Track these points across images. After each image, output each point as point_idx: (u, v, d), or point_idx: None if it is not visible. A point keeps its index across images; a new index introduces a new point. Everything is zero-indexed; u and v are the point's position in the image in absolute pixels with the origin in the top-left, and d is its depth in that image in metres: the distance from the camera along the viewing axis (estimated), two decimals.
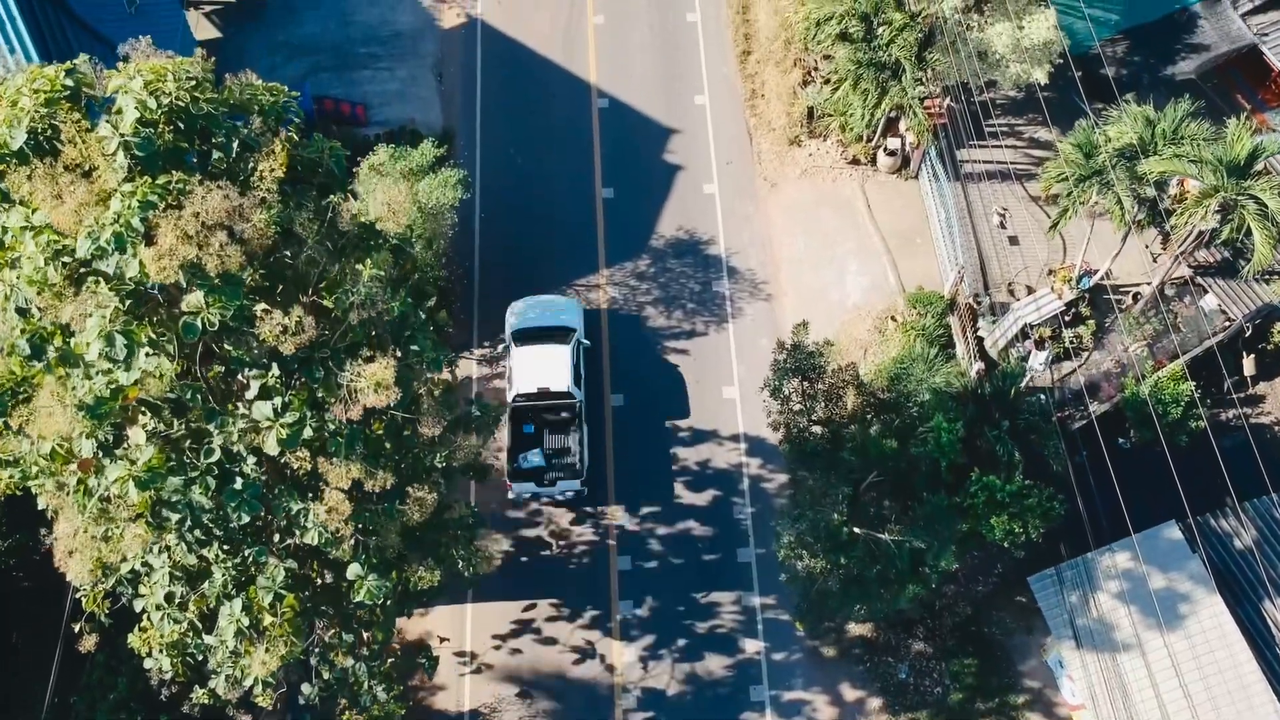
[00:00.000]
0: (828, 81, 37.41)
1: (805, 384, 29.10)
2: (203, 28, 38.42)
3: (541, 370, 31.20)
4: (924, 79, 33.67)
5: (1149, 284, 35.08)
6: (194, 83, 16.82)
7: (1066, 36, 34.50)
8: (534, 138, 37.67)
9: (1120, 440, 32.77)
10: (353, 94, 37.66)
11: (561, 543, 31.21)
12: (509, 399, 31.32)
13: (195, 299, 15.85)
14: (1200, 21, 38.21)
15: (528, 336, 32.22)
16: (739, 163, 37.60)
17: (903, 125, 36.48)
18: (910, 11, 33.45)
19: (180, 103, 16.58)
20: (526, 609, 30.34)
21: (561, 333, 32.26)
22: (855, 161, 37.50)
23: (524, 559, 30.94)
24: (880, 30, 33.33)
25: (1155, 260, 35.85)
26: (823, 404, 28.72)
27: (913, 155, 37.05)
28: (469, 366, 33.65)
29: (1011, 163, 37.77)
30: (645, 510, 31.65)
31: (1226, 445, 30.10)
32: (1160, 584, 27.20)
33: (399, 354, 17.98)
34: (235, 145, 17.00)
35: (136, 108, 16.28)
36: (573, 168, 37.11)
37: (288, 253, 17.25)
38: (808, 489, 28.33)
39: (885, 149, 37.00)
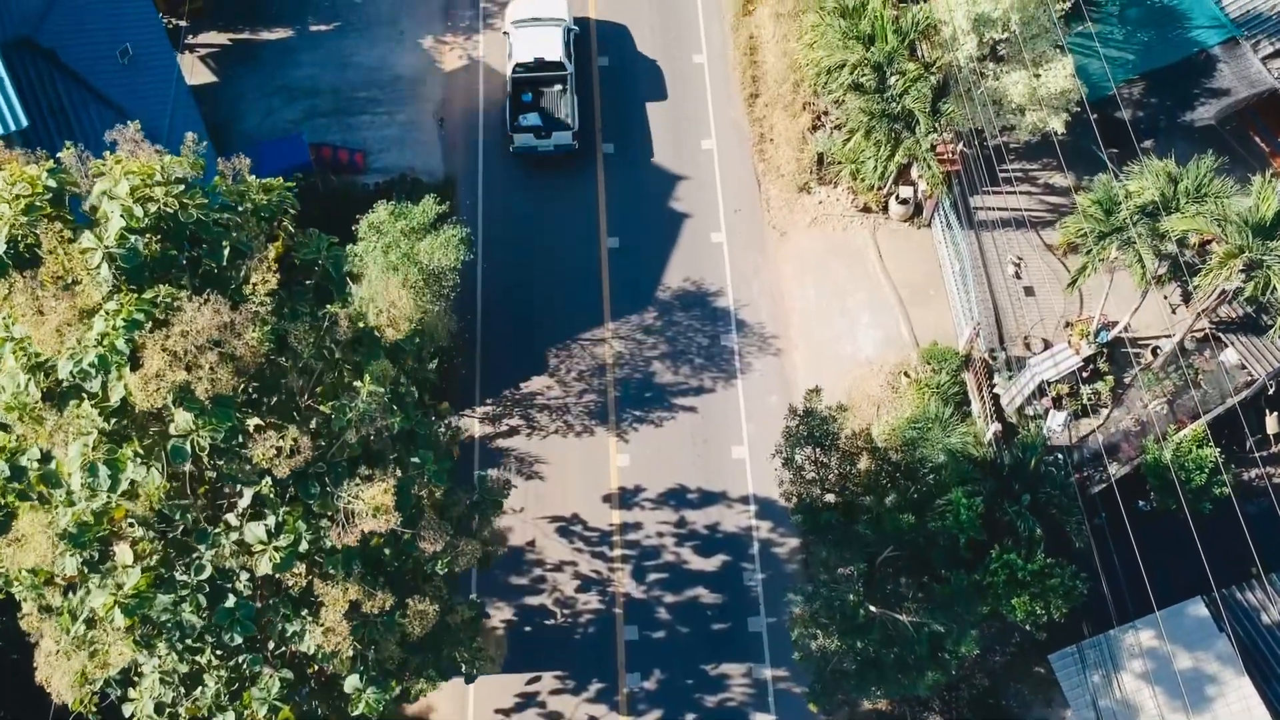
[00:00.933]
0: (838, 127, 36.58)
1: (818, 452, 28.25)
2: (198, 71, 37.55)
3: (537, 43, 36.70)
4: (938, 128, 32.83)
5: (1169, 338, 34.24)
6: (182, 186, 15.86)
7: (1084, 84, 33.66)
8: (537, 185, 36.80)
9: (1140, 503, 31.88)
10: (351, 140, 36.78)
11: (566, 611, 30.34)
12: (509, 72, 36.64)
13: (184, 420, 14.95)
14: (1219, 65, 37.30)
15: (525, 25, 37.61)
16: (747, 210, 36.73)
17: (915, 172, 35.61)
18: (924, 61, 32.60)
19: (169, 209, 15.67)
20: (530, 682, 29.46)
21: (554, 22, 37.74)
22: (866, 209, 36.63)
23: (527, 629, 30.06)
24: (893, 80, 32.47)
25: (1174, 311, 35.00)
26: (836, 473, 27.86)
27: (925, 203, 36.18)
28: (471, 424, 32.77)
29: (1026, 210, 36.89)
30: (653, 577, 30.77)
31: (1251, 511, 29.25)
32: (1186, 664, 26.31)
33: (399, 469, 17.07)
34: (226, 250, 16.09)
35: (123, 215, 15.39)
36: (577, 216, 36.25)
37: (282, 357, 16.34)
38: (821, 562, 27.47)
39: (897, 197, 36.13)
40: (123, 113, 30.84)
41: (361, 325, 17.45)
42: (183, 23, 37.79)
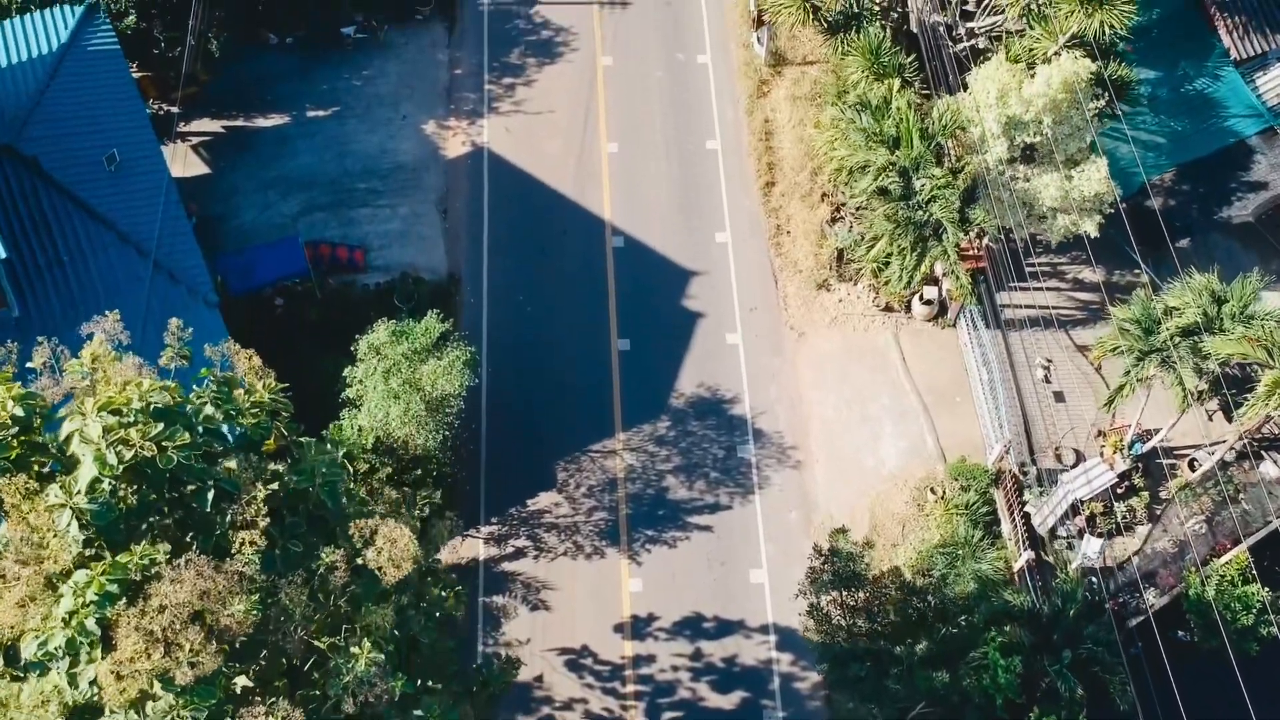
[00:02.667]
0: (857, 218, 35.05)
1: (845, 594, 26.73)
2: (191, 162, 35.99)
3: None
4: (967, 234, 31.32)
5: (1206, 450, 32.73)
6: (161, 427, 14.26)
7: (1118, 185, 32.12)
8: (545, 281, 35.24)
9: (1179, 633, 30.34)
10: (351, 235, 35.21)
11: None
12: None
13: (164, 703, 13.39)
14: (1257, 156, 35.79)
15: None
16: (764, 309, 35.16)
17: (939, 269, 34.04)
18: (952, 166, 31.04)
19: (147, 453, 14.10)
20: None
21: None
22: (888, 308, 35.06)
23: None
24: (920, 184, 30.89)
25: (1210, 418, 33.53)
26: (865, 621, 26.33)
27: (950, 303, 34.62)
28: (475, 546, 31.19)
29: (1055, 307, 35.36)
30: (668, 716, 29.19)
31: None
32: None
33: None
34: (211, 494, 14.52)
35: (95, 461, 13.83)
36: (586, 316, 34.67)
37: (272, 613, 14.77)
38: (848, 714, 25.96)
39: (921, 297, 34.58)
40: (109, 225, 29.42)
41: (359, 560, 15.79)
42: (175, 109, 36.22)
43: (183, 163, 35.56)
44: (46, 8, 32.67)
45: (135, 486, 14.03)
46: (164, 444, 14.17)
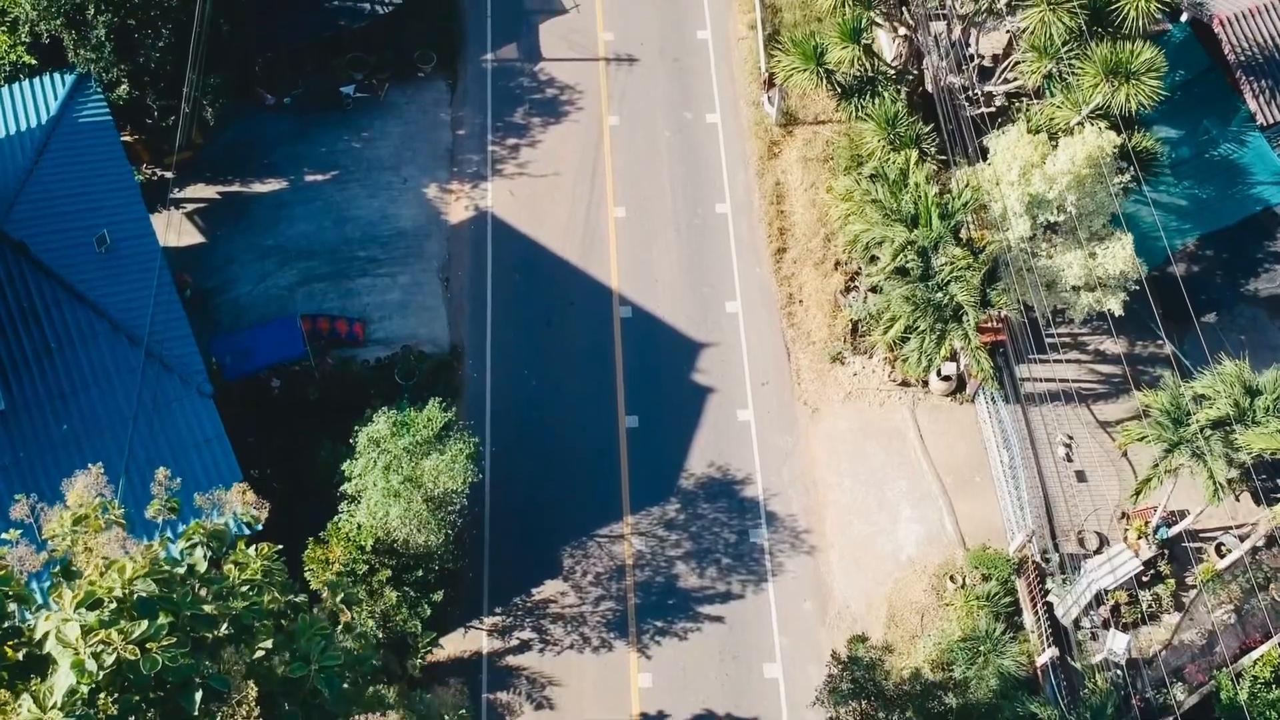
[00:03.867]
0: (872, 289, 34.00)
1: (865, 705, 25.69)
2: (185, 231, 34.93)
3: None
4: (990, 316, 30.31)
5: (1234, 534, 31.70)
6: (145, 625, 13.19)
7: (1144, 262, 31.05)
8: (550, 354, 34.18)
9: None
10: (351, 307, 34.14)
11: None
12: None
13: None
14: None
15: None
16: (776, 383, 34.10)
17: (957, 342, 32.99)
18: (972, 247, 29.97)
19: (130, 655, 13.04)
20: None
21: None
22: (905, 383, 33.98)
23: None
24: (939, 264, 29.83)
25: (1238, 498, 32.46)
26: None
27: (969, 378, 33.57)
28: (478, 639, 30.11)
29: (1075, 381, 34.32)
30: None
31: None
32: None
33: None
34: (198, 694, 13.43)
35: (73, 668, 12.76)
36: (593, 391, 33.61)
37: None
38: None
39: (939, 373, 33.50)
40: (99, 311, 28.38)
41: None
42: (169, 174, 35.16)
43: (177, 231, 34.50)
44: (36, 76, 31.68)
45: (116, 694, 12.95)
46: (148, 645, 13.10)
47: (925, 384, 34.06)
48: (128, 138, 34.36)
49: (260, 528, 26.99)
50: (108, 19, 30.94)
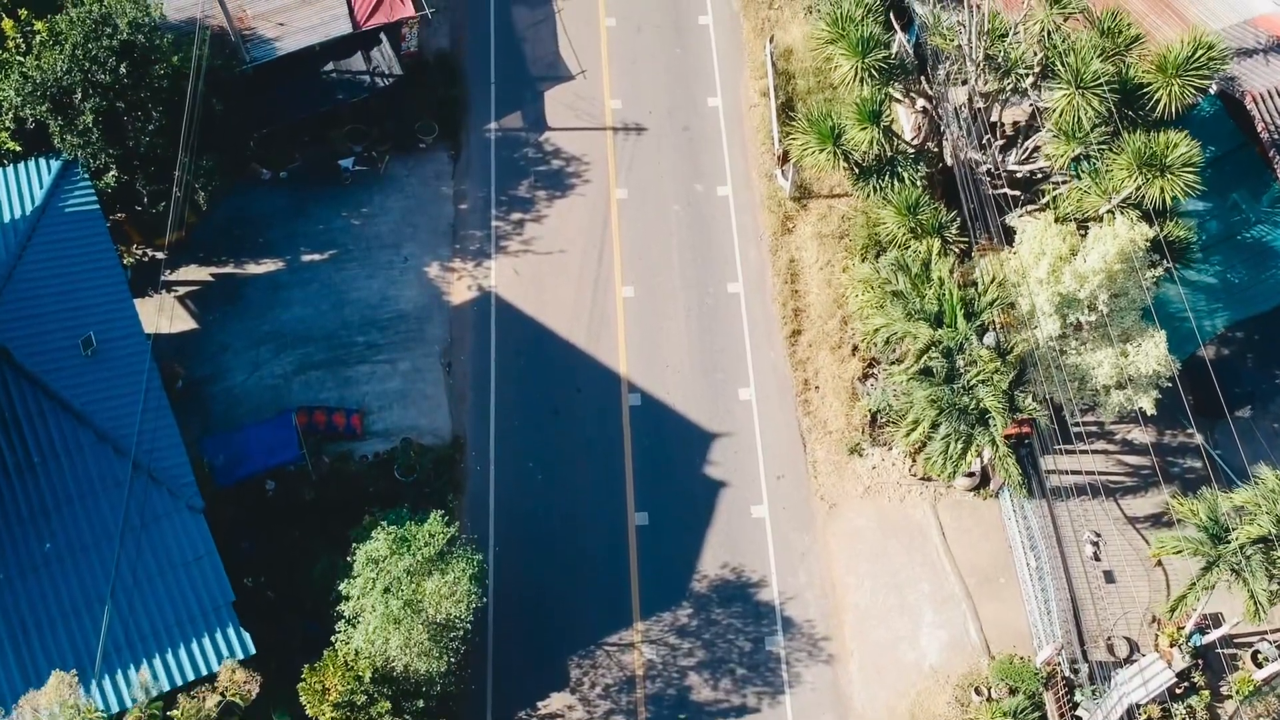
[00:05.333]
0: (890, 374, 32.64)
1: None
2: (177, 316, 33.60)
3: None
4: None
5: (1271, 641, 30.37)
6: None
7: (1177, 360, 29.71)
8: (556, 445, 32.84)
9: None
10: (349, 397, 32.81)
11: None
12: None
13: None
14: None
15: None
16: (791, 477, 32.76)
17: (985, 448, 31.66)
18: (999, 348, 28.60)
19: None
20: None
21: None
22: (926, 478, 32.65)
23: None
24: (963, 366, 28.50)
25: (1273, 603, 31.13)
26: None
27: (992, 474, 32.23)
28: None
29: (1102, 473, 33.00)
30: None
31: None
32: None
33: None
34: None
35: None
36: (601, 485, 32.28)
37: None
38: None
39: (963, 469, 32.13)
40: (84, 420, 27.07)
41: None
42: (160, 254, 33.81)
43: (169, 316, 33.17)
44: (20, 162, 30.38)
45: None
46: None
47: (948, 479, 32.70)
48: (117, 215, 33.03)
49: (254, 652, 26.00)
50: (95, 103, 29.61)
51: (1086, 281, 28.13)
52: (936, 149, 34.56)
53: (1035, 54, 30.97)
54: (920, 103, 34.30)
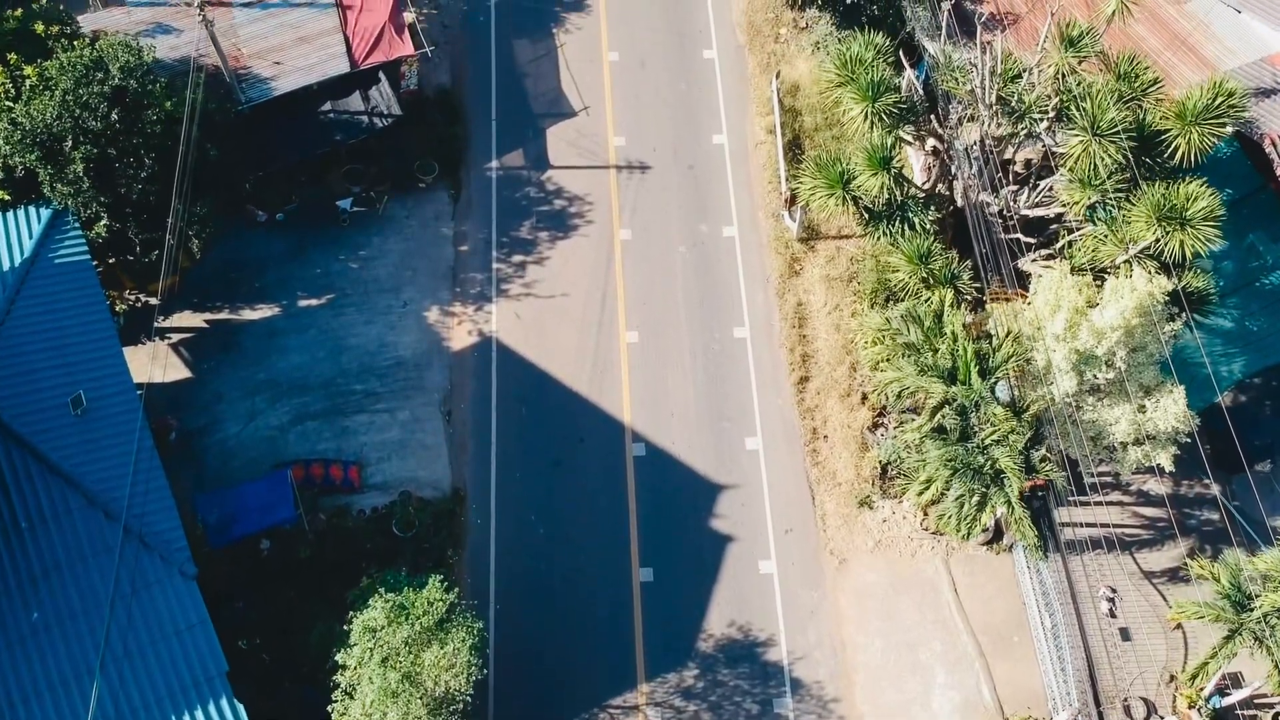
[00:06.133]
0: (903, 430, 31.90)
1: None
2: (171, 364, 32.82)
3: None
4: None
5: None
6: None
7: (1196, 415, 28.92)
8: (559, 498, 32.06)
9: None
10: (347, 447, 32.03)
11: None
12: None
13: None
14: None
15: None
16: (800, 530, 31.99)
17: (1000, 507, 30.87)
18: (1015, 406, 27.81)
19: None
20: None
21: None
22: (938, 531, 31.86)
23: None
24: (977, 424, 27.74)
25: None
26: None
27: (1006, 529, 31.45)
28: None
29: (1117, 525, 32.26)
30: None
31: None
32: None
33: None
34: None
35: None
36: (605, 540, 31.50)
37: None
38: None
39: (977, 531, 31.32)
40: (74, 483, 26.26)
41: None
42: (153, 300, 33.05)
43: (163, 365, 32.41)
44: (8, 211, 29.60)
45: None
46: None
47: None
48: (110, 259, 32.23)
49: None
50: (86, 150, 28.83)
51: (1104, 338, 27.37)
52: (947, 191, 33.82)
53: (1050, 98, 30.25)
54: (930, 142, 33.59)
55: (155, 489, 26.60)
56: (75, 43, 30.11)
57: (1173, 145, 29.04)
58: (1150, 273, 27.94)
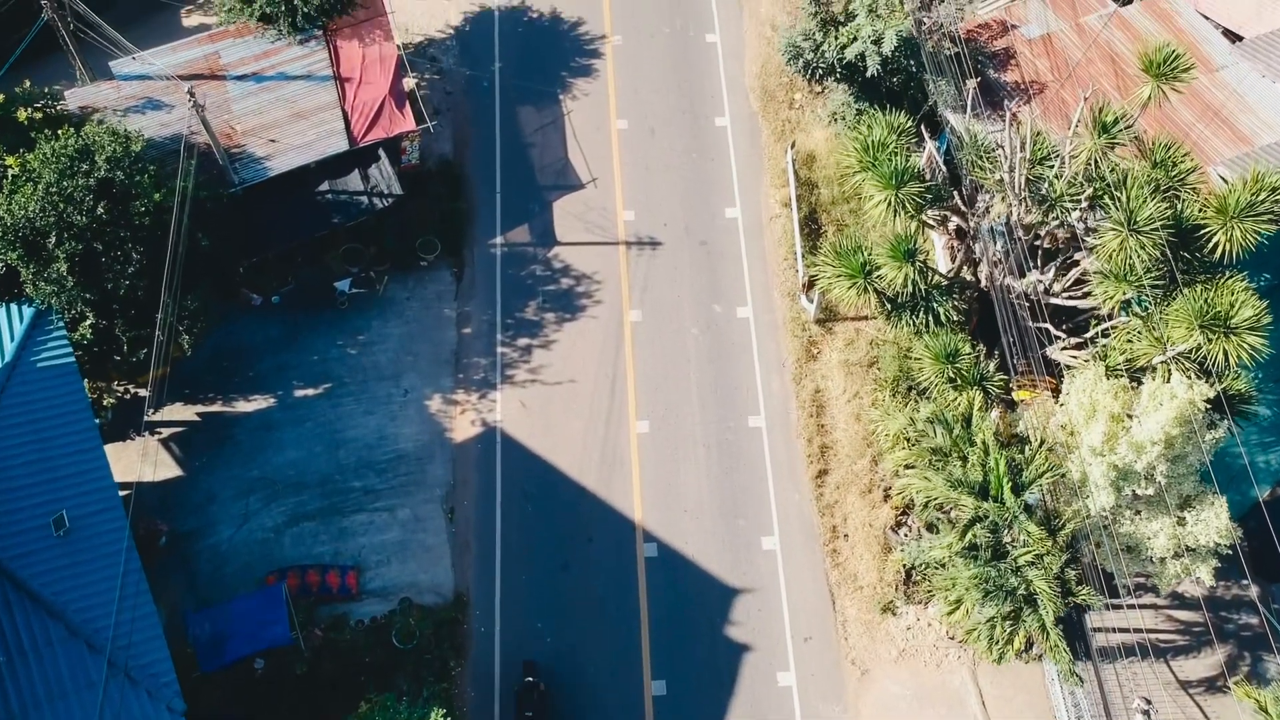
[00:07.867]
0: (930, 528, 30.48)
1: None
2: (161, 462, 31.34)
3: None
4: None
5: None
6: None
7: (1238, 527, 27.47)
8: (567, 603, 30.59)
9: None
10: (344, 550, 30.56)
11: None
12: None
13: None
14: None
15: None
16: (820, 638, 30.52)
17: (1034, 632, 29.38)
18: (1050, 526, 26.35)
19: None
20: None
21: None
22: (965, 640, 30.37)
23: None
24: (1010, 543, 26.29)
25: None
26: None
27: (1037, 640, 29.96)
28: None
29: (1151, 630, 30.81)
30: None
31: None
32: None
33: None
34: None
35: None
36: (616, 650, 30.02)
37: None
38: None
39: (1009, 655, 29.86)
40: (56, 613, 24.81)
41: None
42: (143, 392, 31.53)
43: (153, 463, 30.95)
44: None
45: None
46: None
47: None
48: (96, 350, 30.75)
49: None
50: (70, 247, 27.40)
51: (1144, 452, 25.91)
52: (972, 276, 32.39)
53: (1082, 185, 28.80)
54: (954, 221, 32.16)
55: (142, 616, 25.20)
56: (60, 131, 28.64)
57: (1212, 240, 27.62)
58: (1190, 378, 26.49)
